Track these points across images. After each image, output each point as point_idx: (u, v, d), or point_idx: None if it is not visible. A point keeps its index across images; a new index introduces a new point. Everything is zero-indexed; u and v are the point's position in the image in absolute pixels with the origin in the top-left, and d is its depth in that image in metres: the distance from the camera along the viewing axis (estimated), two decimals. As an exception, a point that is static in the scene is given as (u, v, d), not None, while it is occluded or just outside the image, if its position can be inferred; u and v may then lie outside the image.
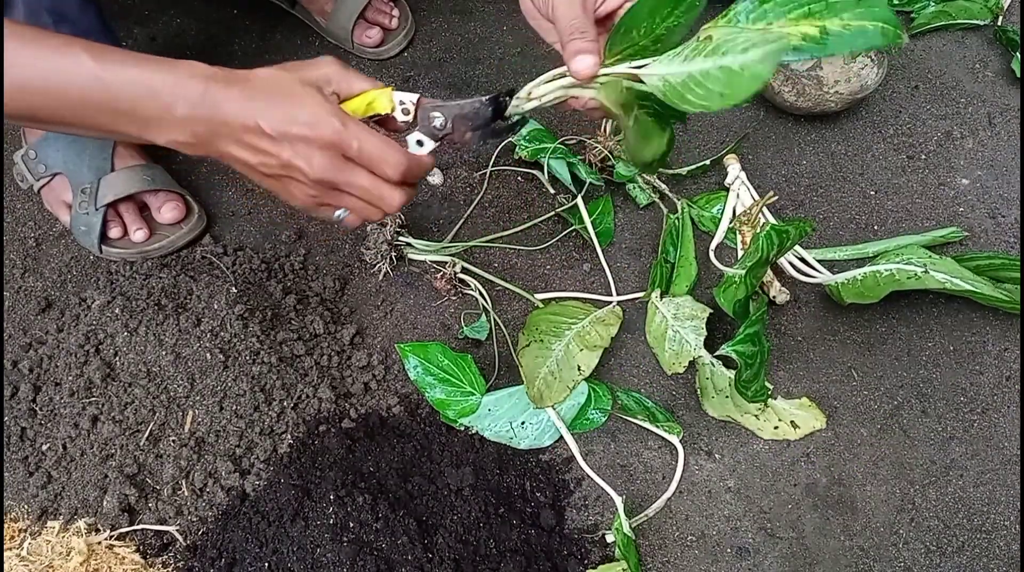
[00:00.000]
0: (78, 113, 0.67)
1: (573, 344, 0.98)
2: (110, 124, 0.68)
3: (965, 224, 1.13)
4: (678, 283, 1.05)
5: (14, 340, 1.00)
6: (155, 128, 0.68)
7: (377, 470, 0.91)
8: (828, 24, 0.58)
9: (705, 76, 0.59)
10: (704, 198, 1.12)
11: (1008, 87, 1.26)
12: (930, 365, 1.04)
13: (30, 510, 0.90)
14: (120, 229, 1.05)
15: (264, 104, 0.68)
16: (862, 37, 0.57)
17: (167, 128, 0.68)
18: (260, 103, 0.68)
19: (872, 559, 0.92)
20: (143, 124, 0.68)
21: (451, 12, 1.31)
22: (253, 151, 0.70)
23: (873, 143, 1.21)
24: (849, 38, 0.57)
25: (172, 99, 0.67)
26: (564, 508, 0.93)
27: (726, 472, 0.97)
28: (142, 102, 0.67)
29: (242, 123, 0.68)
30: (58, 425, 0.93)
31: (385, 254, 1.05)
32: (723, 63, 0.58)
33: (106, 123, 0.68)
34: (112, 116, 0.67)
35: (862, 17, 0.57)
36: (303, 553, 0.84)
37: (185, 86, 0.67)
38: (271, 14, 1.28)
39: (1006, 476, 0.97)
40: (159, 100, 0.67)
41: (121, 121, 0.68)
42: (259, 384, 0.94)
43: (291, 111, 0.68)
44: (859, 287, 1.01)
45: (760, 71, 0.56)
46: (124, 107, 0.67)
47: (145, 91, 0.67)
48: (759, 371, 0.92)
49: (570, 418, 0.96)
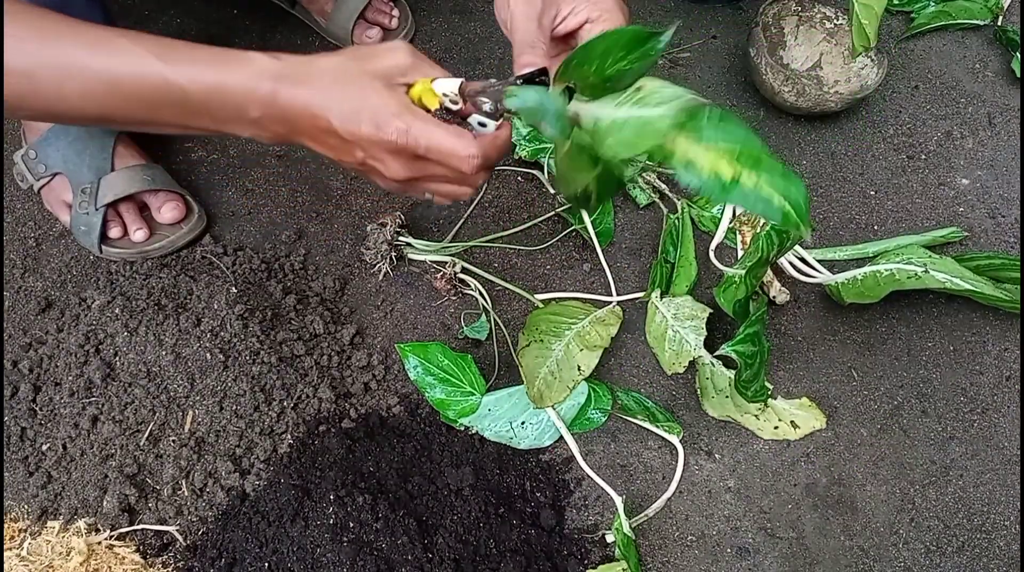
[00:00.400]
0: (153, 114, 0.68)
1: (573, 344, 0.98)
2: (189, 121, 0.69)
3: (965, 224, 1.13)
4: (678, 283, 1.05)
5: (14, 340, 1.00)
6: (233, 125, 0.69)
7: (377, 470, 0.91)
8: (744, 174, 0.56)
9: (624, 123, 0.60)
10: (704, 198, 1.12)
11: (1008, 87, 1.26)
12: (930, 365, 1.04)
13: (30, 510, 0.90)
14: (120, 229, 1.05)
15: (329, 101, 0.67)
16: (764, 204, 0.55)
17: (244, 127, 0.69)
18: (326, 100, 0.67)
19: (872, 559, 0.92)
20: (220, 122, 0.68)
21: (451, 12, 1.31)
22: (330, 148, 0.70)
23: (873, 143, 1.21)
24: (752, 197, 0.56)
25: (244, 101, 0.67)
26: (564, 508, 0.93)
27: (726, 472, 0.97)
28: (214, 104, 0.67)
29: (312, 123, 0.68)
30: (58, 425, 0.93)
31: (385, 254, 1.05)
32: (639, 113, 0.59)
33: (183, 121, 0.69)
34: (186, 116, 0.68)
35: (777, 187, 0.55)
36: (303, 553, 0.84)
37: (254, 88, 0.66)
38: (271, 14, 1.28)
39: (1006, 476, 0.97)
40: (231, 102, 0.67)
41: (197, 119, 0.68)
42: (259, 384, 0.94)
43: (357, 110, 0.66)
44: (859, 287, 1.01)
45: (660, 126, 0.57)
46: (196, 107, 0.67)
47: (215, 93, 0.66)
48: (759, 371, 0.92)
49: (570, 418, 0.96)
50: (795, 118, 1.22)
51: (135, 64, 0.66)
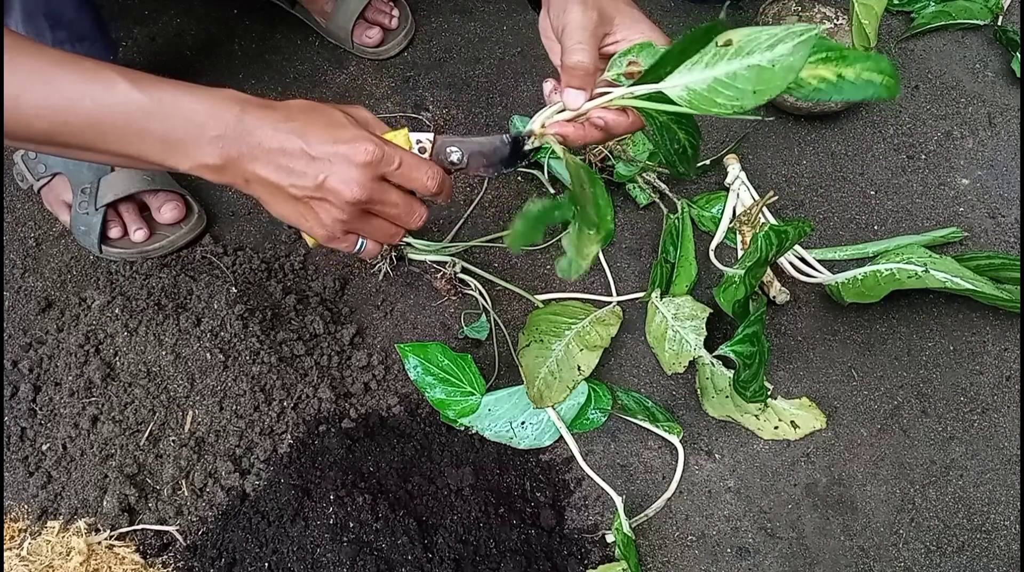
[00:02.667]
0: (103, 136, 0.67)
1: (573, 344, 0.98)
2: (135, 148, 0.68)
3: (965, 224, 1.13)
4: (678, 283, 1.05)
5: (14, 340, 1.00)
6: (182, 150, 0.68)
7: (377, 470, 0.91)
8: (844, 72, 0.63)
9: (733, 77, 0.63)
10: (704, 198, 1.12)
11: (1008, 87, 1.26)
12: (930, 365, 1.04)
13: (30, 510, 0.90)
14: (120, 229, 1.05)
15: (304, 125, 0.69)
16: (871, 87, 0.63)
17: (196, 150, 0.68)
18: (299, 124, 0.69)
19: (872, 559, 0.92)
20: (171, 146, 0.68)
21: (451, 12, 1.31)
22: (287, 172, 0.69)
23: (873, 143, 1.21)
24: (861, 86, 0.63)
25: (206, 119, 0.67)
26: (564, 508, 0.93)
27: (726, 472, 0.97)
28: (176, 123, 0.67)
29: (280, 143, 0.68)
30: (58, 425, 0.93)
31: (385, 254, 1.05)
32: (751, 62, 0.62)
33: (131, 146, 0.68)
34: (139, 137, 0.67)
35: (871, 69, 0.63)
36: (303, 553, 0.84)
37: (221, 107, 0.68)
38: (271, 14, 1.28)
39: (1006, 476, 0.97)
40: (193, 121, 0.67)
41: (148, 143, 0.68)
42: (259, 384, 0.94)
43: (332, 132, 0.69)
44: (859, 287, 1.01)
45: (792, 63, 0.60)
46: (156, 127, 0.67)
47: (180, 111, 0.67)
48: (758, 371, 0.92)
49: (570, 418, 0.96)
50: (795, 118, 1.22)
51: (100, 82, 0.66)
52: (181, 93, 0.68)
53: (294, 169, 0.69)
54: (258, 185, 0.71)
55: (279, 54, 1.26)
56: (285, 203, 0.72)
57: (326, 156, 0.69)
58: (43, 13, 0.90)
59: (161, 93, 0.67)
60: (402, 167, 0.71)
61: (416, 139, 0.76)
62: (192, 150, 0.68)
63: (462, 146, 0.77)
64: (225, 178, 0.70)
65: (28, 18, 0.88)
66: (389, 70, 1.25)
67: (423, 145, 0.76)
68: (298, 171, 0.69)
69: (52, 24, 0.91)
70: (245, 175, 0.70)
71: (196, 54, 1.25)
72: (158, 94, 0.67)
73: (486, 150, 0.77)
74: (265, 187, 0.71)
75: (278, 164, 0.69)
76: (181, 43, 1.26)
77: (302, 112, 0.70)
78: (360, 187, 0.70)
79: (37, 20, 0.90)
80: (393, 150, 0.71)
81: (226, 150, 0.68)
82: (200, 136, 0.67)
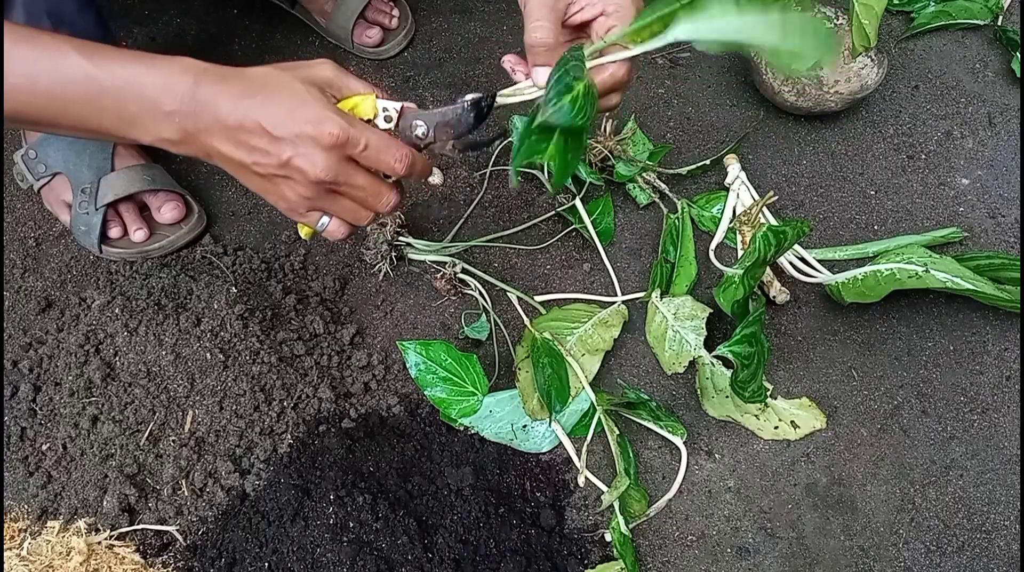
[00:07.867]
0: (64, 111, 0.66)
1: (575, 349, 0.98)
2: (95, 122, 0.67)
3: (965, 224, 1.13)
4: (678, 283, 1.05)
5: (14, 340, 1.00)
6: (139, 125, 0.67)
7: (377, 470, 0.91)
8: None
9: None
10: (704, 198, 1.12)
11: (1008, 87, 1.26)
12: (930, 365, 1.04)
13: (30, 510, 0.90)
14: (120, 229, 1.05)
15: (264, 102, 0.67)
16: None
17: (153, 124, 0.67)
18: (259, 100, 0.67)
19: (872, 559, 0.92)
20: (129, 121, 0.67)
21: (451, 12, 1.31)
22: (248, 150, 0.68)
23: (873, 143, 1.21)
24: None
25: (159, 93, 0.66)
26: (564, 508, 0.93)
27: (726, 472, 0.97)
28: (128, 97, 0.66)
29: (238, 121, 0.67)
30: (58, 425, 0.93)
31: (385, 254, 1.05)
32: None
33: (91, 121, 0.67)
34: (97, 113, 0.66)
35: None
36: (303, 553, 0.84)
37: (174, 80, 0.66)
38: (271, 14, 1.28)
39: (1006, 476, 0.97)
40: (146, 95, 0.66)
41: (106, 118, 0.67)
42: (259, 384, 0.94)
43: (294, 110, 0.67)
44: (859, 287, 1.01)
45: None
46: (110, 103, 0.66)
47: (132, 86, 0.66)
48: (757, 371, 0.92)
49: (571, 425, 0.96)
50: (795, 118, 1.22)
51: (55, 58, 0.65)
52: (135, 65, 0.66)
53: (256, 147, 0.68)
54: (221, 159, 0.70)
55: (279, 54, 1.26)
56: (251, 178, 0.71)
57: (289, 136, 0.67)
58: (45, 11, 0.90)
59: (114, 65, 0.65)
60: (368, 149, 0.70)
61: (383, 107, 0.75)
62: (149, 125, 0.67)
63: (427, 118, 0.75)
64: (187, 151, 0.70)
65: (30, 16, 0.89)
66: (389, 70, 1.25)
67: (389, 113, 0.75)
68: (260, 149, 0.68)
69: (55, 22, 0.91)
70: (206, 149, 0.69)
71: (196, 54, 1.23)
72: (110, 67, 0.65)
73: (450, 119, 0.75)
74: (228, 162, 0.70)
75: (238, 141, 0.68)
76: (181, 43, 1.26)
77: (262, 85, 0.68)
78: (325, 168, 0.68)
79: (39, 18, 0.90)
80: (359, 131, 0.69)
81: (182, 124, 0.67)
82: (155, 111, 0.66)
